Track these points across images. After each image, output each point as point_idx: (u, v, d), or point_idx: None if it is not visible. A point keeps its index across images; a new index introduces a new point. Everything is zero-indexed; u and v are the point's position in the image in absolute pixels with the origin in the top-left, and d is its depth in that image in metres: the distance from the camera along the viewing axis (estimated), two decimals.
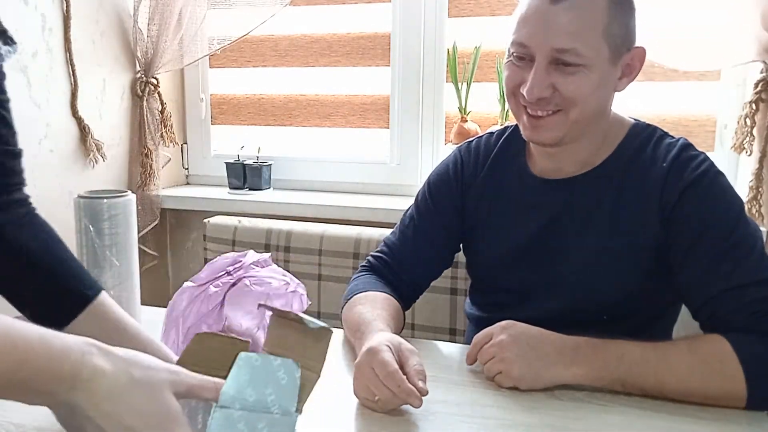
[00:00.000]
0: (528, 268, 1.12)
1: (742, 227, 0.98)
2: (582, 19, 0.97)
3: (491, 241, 1.17)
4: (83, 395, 0.58)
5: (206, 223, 1.74)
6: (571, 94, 1.00)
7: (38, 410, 0.88)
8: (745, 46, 1.57)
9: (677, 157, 1.03)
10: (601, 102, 1.03)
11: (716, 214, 0.99)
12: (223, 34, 2.01)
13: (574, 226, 1.08)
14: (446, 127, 2.00)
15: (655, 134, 1.08)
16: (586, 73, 0.98)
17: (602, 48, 0.99)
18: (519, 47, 1.02)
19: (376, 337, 0.94)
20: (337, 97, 2.12)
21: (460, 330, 1.53)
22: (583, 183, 1.08)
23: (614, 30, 0.99)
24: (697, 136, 1.79)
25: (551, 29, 0.98)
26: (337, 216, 1.90)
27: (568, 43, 0.97)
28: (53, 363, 0.57)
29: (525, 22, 1.01)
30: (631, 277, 1.05)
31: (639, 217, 1.03)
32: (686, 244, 0.99)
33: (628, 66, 1.04)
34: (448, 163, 1.24)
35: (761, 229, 1.61)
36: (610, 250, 1.05)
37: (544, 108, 1.02)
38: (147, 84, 2.07)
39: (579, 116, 1.01)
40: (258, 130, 2.22)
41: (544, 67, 0.99)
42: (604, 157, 1.08)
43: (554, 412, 0.89)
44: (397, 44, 1.98)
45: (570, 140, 1.05)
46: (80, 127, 1.88)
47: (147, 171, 2.08)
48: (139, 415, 0.59)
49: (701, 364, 0.90)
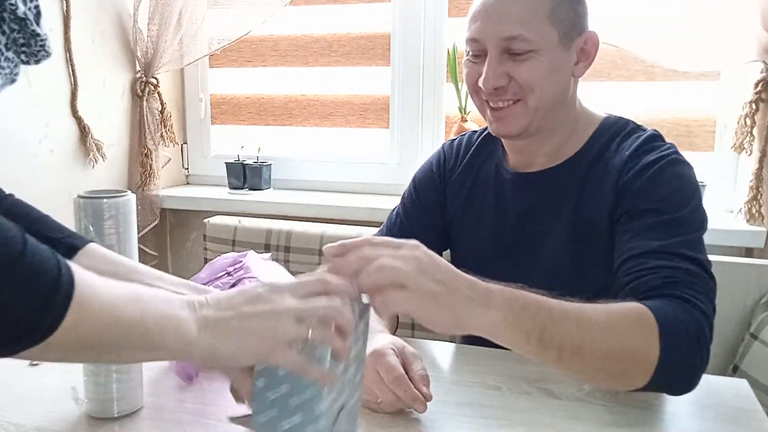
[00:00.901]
0: (503, 262, 1.13)
1: (689, 211, 0.96)
2: (525, 5, 1.00)
3: (468, 236, 1.19)
4: (205, 309, 0.63)
5: (206, 223, 1.74)
6: (525, 81, 1.02)
7: (38, 410, 0.88)
8: (745, 46, 1.57)
9: (641, 146, 1.03)
10: (559, 87, 1.04)
11: (665, 191, 0.98)
12: (223, 34, 2.02)
13: (545, 219, 1.09)
14: (446, 127, 2.00)
15: (626, 127, 1.09)
16: (537, 57, 1.01)
17: (550, 32, 1.01)
18: (472, 43, 1.06)
19: (378, 338, 0.94)
20: (337, 97, 2.12)
21: None
22: (553, 176, 1.10)
23: (561, 14, 1.01)
24: (697, 136, 1.79)
25: (497, 19, 1.01)
26: (337, 216, 1.90)
27: (514, 30, 1.00)
28: (176, 301, 0.62)
29: (474, 18, 1.05)
30: (600, 265, 1.03)
31: (600, 204, 1.04)
32: (628, 217, 0.98)
33: (582, 51, 1.06)
34: (431, 160, 1.27)
35: (761, 228, 1.62)
36: (577, 240, 1.06)
37: (503, 98, 1.04)
38: (147, 84, 2.07)
39: (538, 103, 1.03)
40: (258, 130, 2.22)
41: (497, 58, 1.02)
42: (574, 151, 1.09)
43: (554, 412, 0.89)
44: (397, 44, 1.98)
45: (535, 130, 1.06)
46: (80, 126, 1.88)
47: (147, 171, 2.08)
48: (246, 290, 0.65)
49: (621, 319, 0.82)
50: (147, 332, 0.61)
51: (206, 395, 0.94)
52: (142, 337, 0.61)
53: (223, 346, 0.63)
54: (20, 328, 0.54)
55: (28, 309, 0.54)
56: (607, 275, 1.03)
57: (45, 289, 0.55)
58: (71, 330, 0.56)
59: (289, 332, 0.64)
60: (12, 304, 0.53)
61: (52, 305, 0.55)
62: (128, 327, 0.60)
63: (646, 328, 0.82)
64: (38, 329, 0.55)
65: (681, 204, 0.97)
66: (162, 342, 0.62)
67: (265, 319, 0.64)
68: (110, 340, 0.59)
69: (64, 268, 0.56)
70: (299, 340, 0.64)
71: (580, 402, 0.92)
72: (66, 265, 0.56)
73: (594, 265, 1.05)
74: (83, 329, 0.57)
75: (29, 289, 0.54)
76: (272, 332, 0.63)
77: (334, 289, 0.67)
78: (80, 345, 0.58)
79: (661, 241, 0.93)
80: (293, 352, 0.64)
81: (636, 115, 1.14)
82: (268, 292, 0.66)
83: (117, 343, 0.60)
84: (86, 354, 0.62)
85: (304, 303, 0.65)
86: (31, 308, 0.54)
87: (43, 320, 0.55)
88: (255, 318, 0.64)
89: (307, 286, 0.67)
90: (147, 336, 0.61)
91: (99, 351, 0.60)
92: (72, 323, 0.55)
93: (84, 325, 0.57)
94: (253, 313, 0.64)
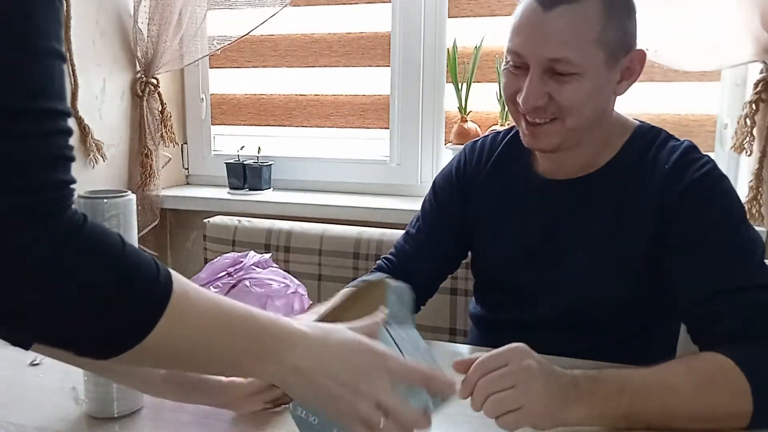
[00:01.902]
0: (529, 269, 1.11)
1: (743, 232, 0.95)
2: (574, 27, 0.95)
3: (493, 241, 1.16)
4: (302, 354, 0.64)
5: (206, 223, 1.74)
6: (566, 102, 0.98)
7: (38, 410, 0.88)
8: (745, 46, 1.57)
9: (679, 159, 1.00)
10: (599, 107, 1.02)
11: (716, 216, 0.96)
12: (223, 34, 2.02)
13: (576, 228, 1.07)
14: (446, 127, 2.00)
15: (659, 136, 1.06)
16: (581, 80, 0.97)
17: (596, 55, 0.97)
18: (514, 56, 1.01)
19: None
20: (337, 97, 2.12)
21: (460, 330, 1.53)
22: (585, 185, 1.07)
23: (609, 35, 0.97)
24: (697, 136, 1.79)
25: (543, 38, 0.96)
26: (337, 216, 1.89)
27: (560, 53, 0.96)
28: (270, 331, 0.64)
29: (518, 31, 1.00)
30: (631, 280, 1.04)
31: (639, 219, 1.02)
32: (683, 246, 0.97)
33: (627, 69, 1.02)
34: (452, 164, 1.24)
35: (761, 228, 1.62)
36: (610, 253, 1.04)
37: (541, 116, 1.01)
38: (147, 84, 2.07)
39: (576, 124, 1.00)
40: (258, 130, 2.21)
41: (539, 76, 0.98)
42: (607, 160, 1.07)
43: None
44: (397, 44, 1.98)
45: (569, 146, 1.04)
46: (80, 127, 1.88)
47: (147, 171, 2.08)
48: (354, 355, 0.67)
49: (706, 384, 0.82)
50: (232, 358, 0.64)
51: None
52: (227, 356, 0.63)
53: (299, 395, 0.68)
54: (115, 328, 0.56)
55: (125, 309, 0.55)
56: (635, 290, 1.04)
57: (142, 293, 0.56)
58: (163, 336, 0.57)
59: (366, 416, 0.66)
60: (111, 302, 0.54)
61: (146, 310, 0.56)
62: (217, 341, 0.62)
63: (735, 385, 0.81)
64: (134, 331, 0.56)
65: (735, 227, 0.95)
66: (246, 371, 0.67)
67: (352, 396, 0.66)
68: (200, 350, 0.62)
69: (163, 275, 0.58)
70: (372, 424, 0.67)
71: None
72: (165, 270, 0.58)
73: (624, 278, 1.04)
74: (174, 338, 0.59)
75: (128, 287, 0.55)
76: (353, 409, 0.66)
77: (439, 388, 0.70)
78: (169, 353, 0.60)
79: (728, 277, 0.91)
80: (361, 427, 0.67)
81: (636, 115, 1.14)
82: (374, 367, 0.67)
83: (205, 355, 0.62)
84: (174, 360, 0.64)
85: (395, 401, 0.67)
86: (129, 309, 0.55)
87: (138, 324, 0.56)
88: (346, 393, 0.66)
89: (415, 376, 0.69)
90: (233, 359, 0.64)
91: (187, 359, 0.63)
92: (164, 331, 0.57)
93: (176, 334, 0.58)
94: (347, 385, 0.66)
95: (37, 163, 0.52)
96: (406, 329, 0.76)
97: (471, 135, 1.84)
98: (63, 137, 0.54)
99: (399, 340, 0.73)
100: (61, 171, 0.54)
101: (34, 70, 0.52)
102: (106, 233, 0.56)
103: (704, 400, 0.81)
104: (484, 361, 0.77)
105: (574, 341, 1.07)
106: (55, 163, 0.53)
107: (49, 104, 0.53)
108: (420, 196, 1.33)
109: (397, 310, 0.75)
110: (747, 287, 0.90)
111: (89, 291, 0.53)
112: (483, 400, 0.75)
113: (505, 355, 0.78)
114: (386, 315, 0.74)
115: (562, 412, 0.77)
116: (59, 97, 0.54)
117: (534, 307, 1.11)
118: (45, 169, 0.52)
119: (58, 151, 0.54)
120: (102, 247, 0.55)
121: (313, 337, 0.66)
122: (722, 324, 0.90)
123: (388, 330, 0.73)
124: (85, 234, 0.54)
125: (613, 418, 0.80)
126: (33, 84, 0.52)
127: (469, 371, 0.77)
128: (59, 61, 0.54)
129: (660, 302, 1.06)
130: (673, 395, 0.81)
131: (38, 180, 0.52)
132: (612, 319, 1.06)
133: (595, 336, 1.07)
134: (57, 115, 0.54)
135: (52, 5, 0.53)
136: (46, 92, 0.52)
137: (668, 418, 0.80)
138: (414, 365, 0.70)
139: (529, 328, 1.11)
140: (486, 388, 0.75)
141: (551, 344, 1.05)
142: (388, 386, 0.67)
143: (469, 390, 0.76)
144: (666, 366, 0.84)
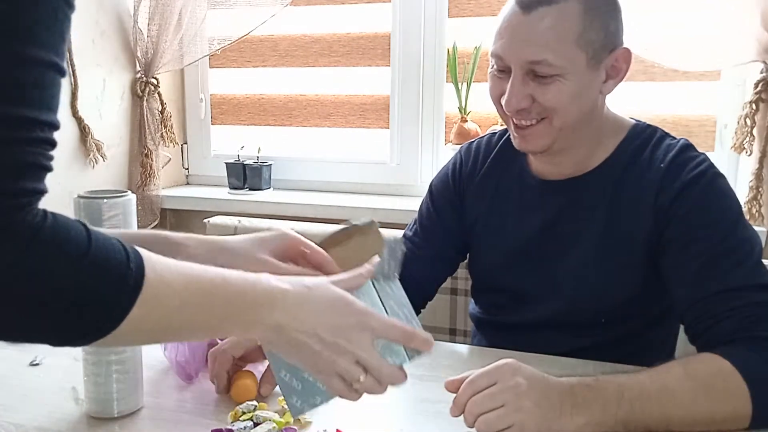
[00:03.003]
0: (526, 270, 1.11)
1: (740, 231, 0.95)
2: (554, 28, 0.95)
3: (489, 242, 1.16)
4: (282, 312, 0.66)
5: (206, 223, 1.74)
6: (549, 104, 0.98)
7: (38, 410, 0.88)
8: (745, 46, 1.57)
9: (675, 158, 1.01)
10: (585, 107, 1.01)
11: (712, 215, 0.96)
12: (223, 34, 2.01)
13: (571, 228, 1.07)
14: (446, 127, 2.00)
15: (655, 135, 1.06)
16: (563, 81, 0.97)
17: (577, 55, 0.97)
18: (497, 59, 1.01)
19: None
20: (337, 97, 2.12)
21: (460, 330, 1.53)
22: (581, 185, 1.07)
23: (591, 36, 0.97)
24: (697, 136, 1.79)
25: (523, 41, 0.97)
26: (337, 216, 1.89)
27: (540, 55, 0.96)
28: (249, 295, 0.65)
29: (500, 34, 1.00)
30: (628, 279, 1.04)
31: (635, 219, 1.01)
32: (680, 246, 0.97)
33: (613, 68, 1.02)
34: (448, 166, 1.24)
35: (761, 228, 1.62)
36: (606, 252, 1.04)
37: (527, 118, 1.01)
38: (147, 84, 2.07)
39: (563, 123, 1.00)
40: (258, 130, 2.21)
41: (520, 79, 0.98)
42: (602, 159, 1.07)
43: None
44: (397, 44, 1.98)
45: (560, 146, 1.04)
46: (80, 127, 1.88)
47: (147, 171, 2.08)
48: (335, 314, 0.68)
49: (705, 388, 0.81)
50: (212, 326, 0.65)
51: (206, 395, 0.94)
52: (207, 326, 0.65)
53: (281, 350, 0.69)
54: (87, 323, 0.56)
55: (95, 305, 0.56)
56: (632, 290, 1.04)
57: (111, 286, 0.56)
58: (138, 321, 0.58)
59: (345, 372, 0.68)
60: (79, 301, 0.55)
61: (118, 302, 0.57)
62: (195, 315, 0.63)
63: (734, 388, 0.81)
64: (105, 324, 0.57)
65: (732, 227, 0.95)
66: (228, 332, 0.70)
67: (332, 352, 0.67)
68: (177, 327, 0.63)
69: (133, 261, 0.57)
70: (351, 379, 0.68)
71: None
72: (136, 255, 0.58)
73: (620, 277, 1.04)
74: (150, 321, 0.59)
75: (95, 286, 0.55)
76: (332, 366, 0.68)
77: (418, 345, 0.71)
78: (146, 334, 0.62)
79: (726, 277, 0.91)
80: (340, 383, 0.69)
81: (636, 115, 1.14)
82: (354, 325, 0.69)
83: (183, 329, 0.65)
84: (152, 338, 0.67)
85: (375, 359, 0.69)
86: (99, 304, 0.56)
87: (110, 315, 0.57)
88: (326, 350, 0.67)
89: (395, 333, 0.70)
90: (213, 327, 0.66)
91: (165, 336, 0.67)
92: (138, 316, 0.58)
93: (151, 317, 0.59)
94: (327, 343, 0.67)
95: (3, 170, 0.52)
96: (391, 284, 0.78)
97: (471, 135, 1.84)
98: (40, 146, 0.54)
99: (383, 296, 0.74)
100: (29, 179, 0.53)
101: (18, 78, 0.52)
102: (69, 231, 0.55)
103: (703, 404, 0.81)
104: (474, 380, 0.77)
105: (573, 341, 1.07)
106: (24, 171, 0.53)
107: (29, 113, 0.52)
108: (420, 196, 1.33)
109: (386, 264, 0.77)
110: (744, 287, 0.90)
111: (55, 294, 0.54)
112: (474, 420, 0.75)
113: (493, 373, 0.78)
114: (375, 269, 0.75)
115: (558, 423, 0.77)
116: (46, 107, 0.54)
117: (531, 308, 1.11)
118: (11, 177, 0.52)
119: (30, 159, 0.53)
120: (65, 247, 0.54)
121: (294, 294, 0.67)
122: (720, 325, 0.90)
123: (374, 284, 0.75)
124: (44, 238, 0.53)
125: (611, 425, 0.79)
126: (13, 91, 0.51)
127: (459, 391, 0.78)
128: (53, 73, 0.54)
129: (658, 302, 1.06)
130: (672, 400, 0.80)
131: (1, 187, 0.52)
132: (610, 319, 1.06)
133: (594, 336, 1.07)
134: (35, 124, 0.53)
135: (55, 18, 0.53)
136: (28, 100, 0.52)
137: (667, 423, 0.80)
138: (395, 323, 0.71)
139: (528, 328, 1.11)
140: (475, 408, 0.75)
141: (550, 345, 1.06)
142: (369, 344, 0.68)
143: (460, 410, 0.76)
144: (664, 370, 0.83)
